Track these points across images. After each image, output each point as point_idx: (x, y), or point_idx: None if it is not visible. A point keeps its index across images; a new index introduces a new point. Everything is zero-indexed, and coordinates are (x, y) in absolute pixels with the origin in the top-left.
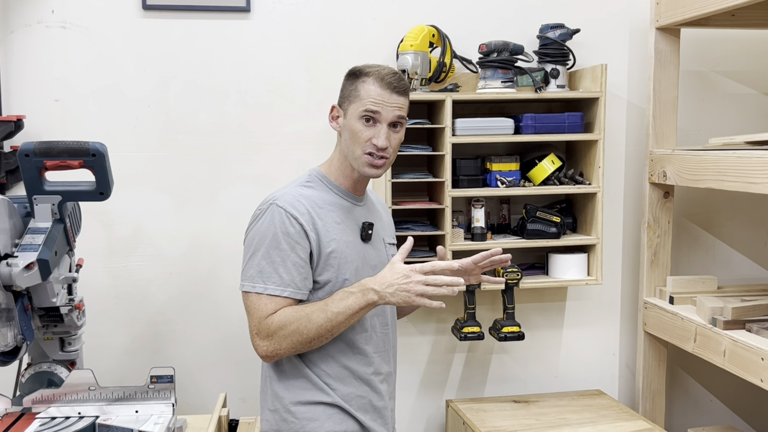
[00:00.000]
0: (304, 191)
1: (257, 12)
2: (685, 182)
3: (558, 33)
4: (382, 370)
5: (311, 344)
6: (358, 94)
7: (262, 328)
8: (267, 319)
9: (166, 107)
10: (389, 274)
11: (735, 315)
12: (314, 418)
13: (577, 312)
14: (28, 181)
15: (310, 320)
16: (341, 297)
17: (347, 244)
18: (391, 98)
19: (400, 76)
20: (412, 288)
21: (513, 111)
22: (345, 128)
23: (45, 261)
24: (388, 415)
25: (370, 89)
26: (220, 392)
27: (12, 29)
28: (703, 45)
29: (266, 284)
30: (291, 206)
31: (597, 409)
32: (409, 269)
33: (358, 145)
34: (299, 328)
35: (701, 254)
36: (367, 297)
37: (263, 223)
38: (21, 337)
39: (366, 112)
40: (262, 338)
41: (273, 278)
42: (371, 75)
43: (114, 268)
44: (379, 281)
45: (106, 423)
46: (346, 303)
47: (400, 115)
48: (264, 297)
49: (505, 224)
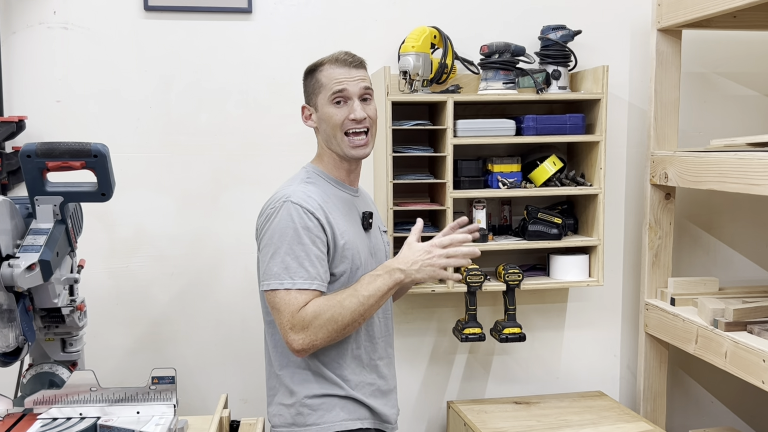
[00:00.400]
0: (309, 188)
1: (259, 13)
2: (687, 184)
3: (559, 34)
4: (385, 355)
5: (345, 331)
6: (320, 84)
7: (296, 322)
8: (300, 312)
9: (167, 108)
10: (410, 253)
11: (736, 317)
12: (329, 409)
13: (578, 313)
14: (29, 182)
15: (343, 306)
16: (369, 281)
17: (355, 234)
18: (351, 73)
19: (351, 53)
20: (436, 262)
21: (514, 112)
22: (320, 120)
23: (47, 262)
24: (393, 397)
25: (331, 73)
26: (221, 393)
27: (14, 30)
28: (705, 46)
29: (294, 279)
30: (305, 202)
31: (598, 410)
32: (429, 245)
33: (337, 128)
34: (334, 316)
35: (702, 256)
36: (395, 277)
37: (281, 221)
38: (22, 338)
39: (334, 95)
40: (297, 332)
41: (300, 273)
42: (326, 62)
43: (115, 268)
44: (403, 261)
45: (107, 424)
46: (375, 285)
47: (365, 86)
48: (293, 292)
49: (507, 225)
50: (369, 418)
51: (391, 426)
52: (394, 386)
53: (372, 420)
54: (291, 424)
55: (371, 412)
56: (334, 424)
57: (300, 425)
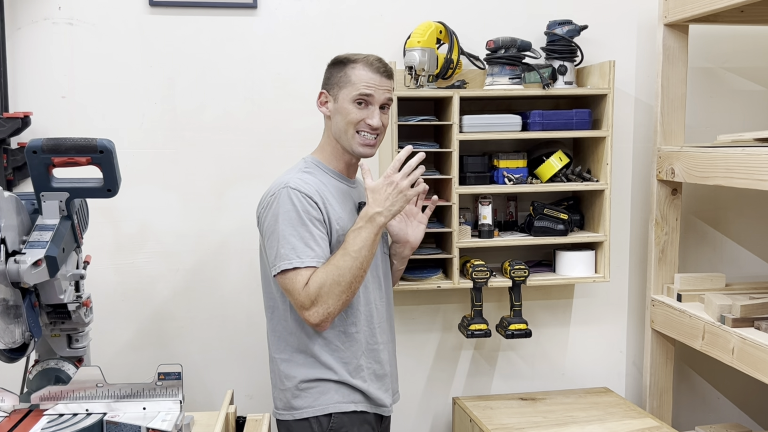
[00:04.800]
0: (306, 176)
1: (264, 8)
2: (694, 179)
3: (566, 29)
4: (383, 340)
5: (351, 288)
6: (349, 80)
7: (304, 298)
8: (304, 288)
9: (172, 104)
10: (377, 195)
11: (744, 313)
12: (324, 392)
13: (584, 309)
14: (35, 177)
15: (340, 267)
16: (354, 235)
17: (350, 223)
18: (381, 82)
19: (385, 62)
20: (402, 186)
21: (520, 108)
22: (337, 112)
23: (53, 258)
24: (389, 381)
25: (362, 74)
26: (226, 389)
27: (19, 26)
28: (712, 41)
29: (302, 258)
30: (303, 188)
31: (604, 406)
32: (386, 179)
33: (351, 126)
34: (336, 279)
35: (709, 252)
36: (376, 221)
37: (281, 206)
38: (29, 334)
39: (360, 96)
40: (309, 307)
41: (307, 252)
42: (360, 61)
43: (121, 264)
44: (376, 204)
45: (113, 420)
46: (362, 237)
47: (389, 97)
48: (302, 270)
49: (512, 221)
50: (363, 401)
51: (386, 409)
52: (389, 370)
53: (366, 403)
54: (289, 407)
55: (365, 396)
56: (329, 406)
57: (297, 408)
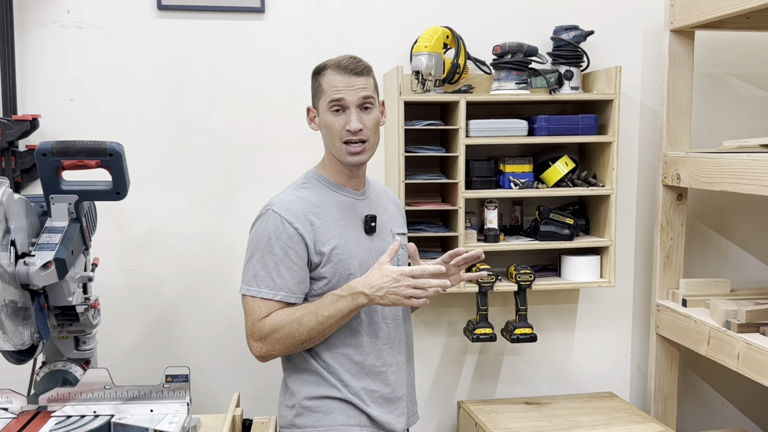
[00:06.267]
0: (300, 193)
1: (271, 13)
2: (700, 185)
3: (572, 35)
4: (393, 361)
5: (303, 345)
6: (321, 89)
7: (255, 331)
8: (260, 322)
9: (180, 107)
10: (378, 277)
11: (749, 318)
12: (327, 412)
13: (589, 314)
14: (45, 180)
15: (302, 324)
16: (331, 301)
17: (349, 239)
18: (351, 81)
19: (357, 59)
20: (402, 291)
21: (526, 113)
22: (321, 125)
23: (62, 260)
24: (404, 405)
25: (331, 79)
26: (231, 392)
27: (28, 29)
28: (717, 47)
29: (260, 288)
30: (286, 211)
31: (609, 411)
32: (398, 273)
33: (335, 137)
34: (291, 332)
35: (714, 257)
36: (357, 301)
37: (259, 228)
38: (37, 335)
39: (332, 103)
40: (256, 340)
41: (266, 282)
42: (329, 66)
43: (127, 267)
44: (368, 284)
45: (121, 422)
46: (336, 307)
47: (365, 95)
48: (258, 300)
49: (518, 226)
50: (369, 425)
51: None
52: (403, 394)
53: (372, 428)
54: (291, 425)
55: (371, 419)
56: (332, 428)
57: (299, 426)
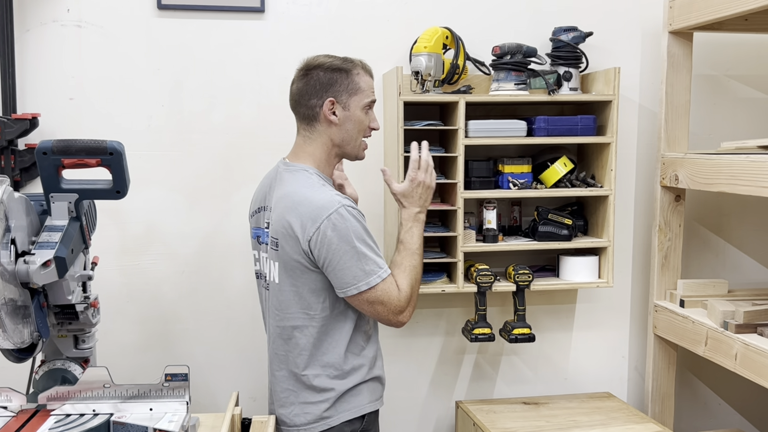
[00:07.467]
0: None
1: (271, 12)
2: (698, 186)
3: (571, 36)
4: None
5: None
6: (359, 87)
7: (403, 302)
8: (399, 293)
9: (179, 106)
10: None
11: (747, 319)
12: (357, 394)
13: (587, 314)
14: (45, 179)
15: (414, 266)
16: (409, 235)
17: None
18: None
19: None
20: (430, 184)
21: (525, 113)
22: (347, 120)
23: (62, 259)
24: None
25: (367, 81)
26: (230, 391)
27: (27, 28)
28: (716, 49)
29: (383, 268)
30: (348, 201)
31: (607, 411)
32: (413, 182)
33: (361, 132)
34: (416, 276)
35: (711, 258)
36: (420, 219)
37: (348, 224)
38: (37, 334)
39: (371, 103)
40: (404, 309)
41: (380, 262)
42: (360, 67)
43: (126, 266)
44: (413, 205)
45: (120, 420)
46: (416, 234)
47: None
48: (388, 279)
49: (517, 226)
50: (381, 396)
51: None
52: None
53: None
54: (320, 418)
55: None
56: (362, 407)
57: (331, 416)
